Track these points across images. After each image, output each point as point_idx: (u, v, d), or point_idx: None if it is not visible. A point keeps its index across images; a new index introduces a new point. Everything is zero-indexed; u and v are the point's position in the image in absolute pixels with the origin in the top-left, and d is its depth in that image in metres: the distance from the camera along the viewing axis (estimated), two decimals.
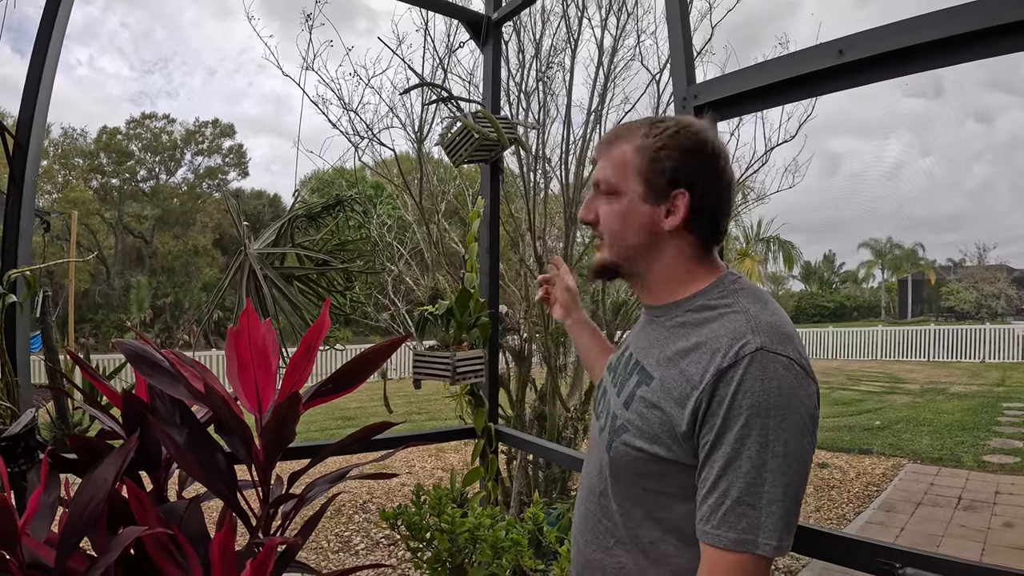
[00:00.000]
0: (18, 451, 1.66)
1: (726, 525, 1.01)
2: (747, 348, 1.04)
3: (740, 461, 1.01)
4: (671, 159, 1.16)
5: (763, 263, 30.62)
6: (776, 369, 1.02)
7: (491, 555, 2.42)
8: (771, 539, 1.00)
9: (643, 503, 1.18)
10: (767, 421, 1.00)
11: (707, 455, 1.05)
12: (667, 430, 1.11)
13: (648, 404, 1.15)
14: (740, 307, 1.13)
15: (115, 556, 1.30)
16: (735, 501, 1.01)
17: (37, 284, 2.06)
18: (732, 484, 1.01)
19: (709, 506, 1.04)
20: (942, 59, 1.50)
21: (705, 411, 1.05)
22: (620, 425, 1.20)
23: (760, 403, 1.01)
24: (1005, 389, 13.41)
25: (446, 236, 5.37)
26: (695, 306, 1.19)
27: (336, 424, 10.46)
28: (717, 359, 1.05)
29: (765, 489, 1.00)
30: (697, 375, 1.07)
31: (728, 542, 1.01)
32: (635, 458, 1.16)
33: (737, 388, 1.02)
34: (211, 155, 32.94)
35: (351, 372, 1.79)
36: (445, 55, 4.80)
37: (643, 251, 1.22)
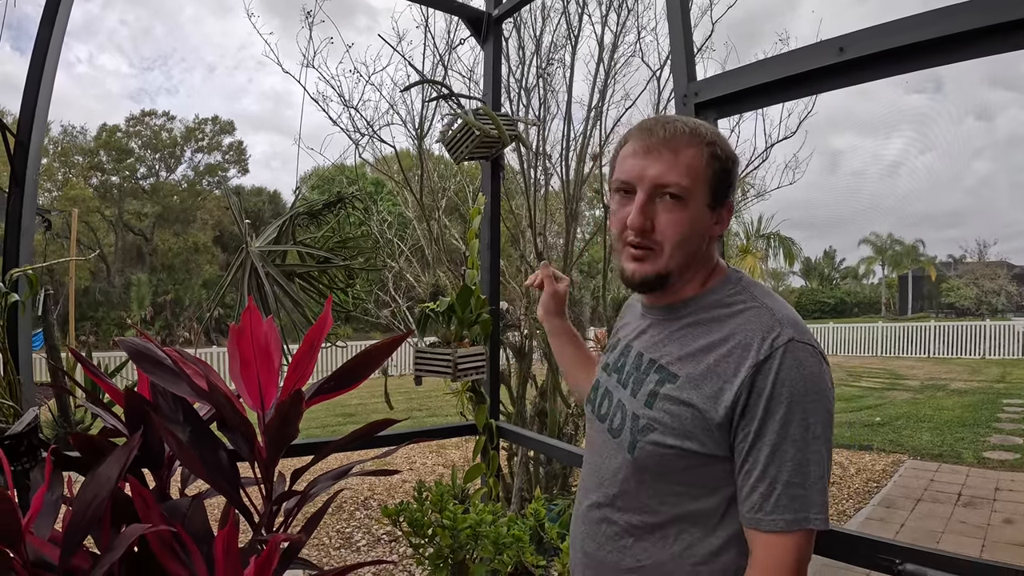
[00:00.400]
0: (21, 449, 1.67)
1: (780, 508, 1.07)
2: (779, 340, 1.09)
3: (786, 446, 1.07)
4: (732, 170, 1.21)
5: (764, 259, 30.60)
6: (806, 358, 1.09)
7: (493, 551, 2.42)
8: (820, 513, 1.07)
9: (669, 499, 1.20)
10: (806, 406, 1.07)
11: (751, 445, 1.09)
12: (699, 425, 1.13)
13: (677, 401, 1.16)
14: (759, 302, 1.17)
15: (119, 554, 1.30)
16: (786, 484, 1.07)
17: (39, 283, 2.07)
18: (781, 469, 1.07)
19: (761, 494, 1.08)
20: (943, 57, 1.50)
21: (745, 403, 1.09)
22: (645, 424, 1.20)
23: (798, 391, 1.07)
24: (1005, 385, 13.41)
25: (447, 233, 5.37)
26: (708, 303, 1.22)
27: (337, 420, 10.47)
28: (752, 353, 1.10)
29: (811, 469, 1.07)
30: (730, 369, 1.11)
31: (785, 524, 1.06)
32: (664, 455, 1.17)
33: (776, 379, 1.07)
34: (211, 152, 32.94)
35: (353, 369, 1.80)
36: (445, 52, 4.80)
37: (694, 258, 1.22)
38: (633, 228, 1.18)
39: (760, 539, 1.09)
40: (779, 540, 1.07)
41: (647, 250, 1.20)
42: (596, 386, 1.42)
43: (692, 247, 1.20)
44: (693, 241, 1.19)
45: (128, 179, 30.81)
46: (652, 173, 1.17)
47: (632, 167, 1.19)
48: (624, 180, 1.21)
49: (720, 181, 1.19)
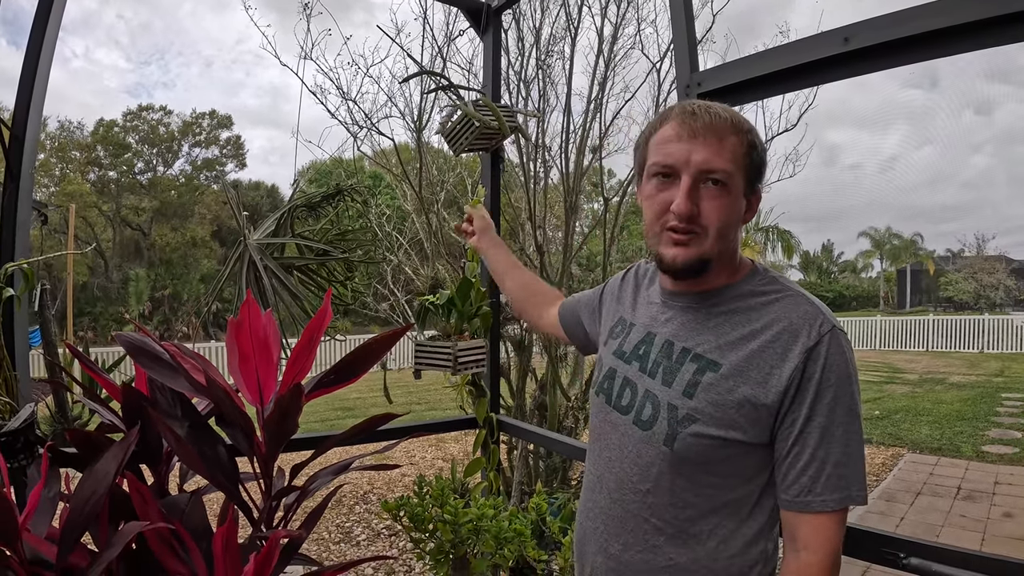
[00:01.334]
0: (18, 446, 1.65)
1: (830, 489, 1.10)
2: (824, 327, 1.13)
3: (834, 428, 1.11)
4: (765, 160, 1.23)
5: (762, 253, 30.61)
6: (846, 344, 1.15)
7: (494, 546, 2.42)
8: (862, 489, 1.12)
9: (705, 491, 1.19)
10: (849, 389, 1.12)
11: (800, 430, 1.12)
12: (747, 413, 1.14)
13: (722, 390, 1.16)
14: (793, 291, 1.21)
15: (117, 552, 1.28)
16: (835, 464, 1.10)
17: (35, 277, 2.05)
18: (830, 451, 1.11)
19: (810, 476, 1.11)
20: (948, 47, 1.49)
21: (797, 388, 1.12)
22: (686, 415, 1.18)
23: (844, 375, 1.12)
24: (1004, 379, 13.43)
25: (445, 226, 5.35)
26: (742, 292, 1.23)
27: (336, 415, 10.47)
28: (802, 338, 1.13)
29: (854, 448, 1.12)
30: (776, 355, 1.14)
31: (834, 504, 1.10)
32: (707, 446, 1.16)
33: (825, 364, 1.11)
34: (208, 147, 32.88)
35: (353, 363, 1.78)
36: (444, 44, 4.77)
37: (729, 244, 1.22)
38: (680, 213, 1.16)
39: (808, 521, 1.12)
40: (827, 520, 1.11)
41: (691, 235, 1.18)
42: (610, 375, 1.37)
43: (731, 233, 1.21)
44: (733, 227, 1.21)
45: (125, 174, 30.75)
46: (698, 158, 1.15)
47: (676, 151, 1.17)
48: (666, 164, 1.18)
49: (755, 170, 1.20)
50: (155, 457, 1.71)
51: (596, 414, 1.41)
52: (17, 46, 36.96)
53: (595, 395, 1.41)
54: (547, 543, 2.63)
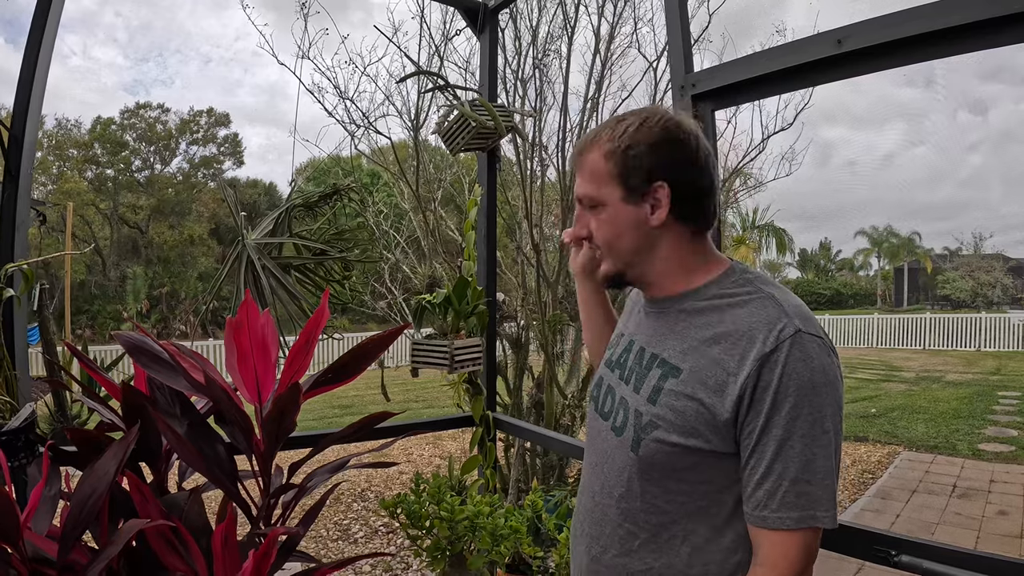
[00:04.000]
0: (18, 445, 1.66)
1: (787, 506, 1.05)
2: (786, 332, 1.07)
3: (792, 441, 1.04)
4: (641, 155, 1.16)
5: (758, 251, 30.62)
6: (813, 349, 1.06)
7: (490, 542, 2.43)
8: (829, 510, 1.05)
9: (676, 499, 1.17)
10: (813, 400, 1.04)
11: (757, 440, 1.07)
12: (704, 420, 1.11)
13: (681, 396, 1.14)
14: (765, 293, 1.14)
15: (117, 549, 1.30)
16: (793, 481, 1.04)
17: (34, 277, 2.06)
18: (788, 465, 1.04)
19: (766, 491, 1.06)
20: (942, 50, 1.51)
21: (751, 397, 1.06)
22: (648, 422, 1.17)
23: (805, 384, 1.04)
24: (1000, 378, 13.45)
25: (442, 224, 5.36)
26: (709, 295, 1.19)
27: (334, 412, 10.47)
28: (757, 345, 1.07)
29: (818, 465, 1.04)
30: (734, 362, 1.09)
31: (792, 522, 1.05)
32: (669, 453, 1.15)
33: (783, 371, 1.05)
34: (206, 144, 32.74)
35: (350, 362, 1.80)
36: (441, 43, 4.78)
37: (640, 253, 1.22)
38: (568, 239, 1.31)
39: (766, 537, 1.08)
40: (786, 538, 1.06)
41: (601, 253, 1.26)
42: (599, 382, 1.39)
43: (626, 244, 1.21)
44: (625, 238, 1.21)
45: (123, 172, 30.64)
46: (577, 191, 1.26)
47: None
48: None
49: (628, 172, 1.17)
50: (154, 455, 1.72)
51: (588, 420, 1.42)
52: (15, 44, 36.82)
53: (589, 402, 1.43)
54: (543, 540, 2.65)
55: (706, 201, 1.20)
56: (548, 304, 4.79)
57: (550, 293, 4.82)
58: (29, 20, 2.18)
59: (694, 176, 1.18)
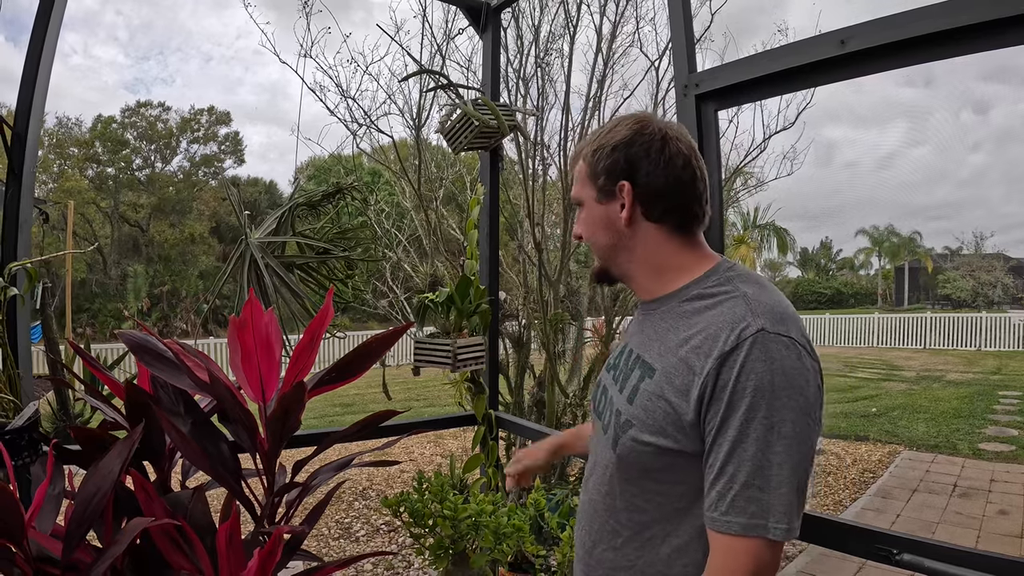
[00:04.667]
0: (22, 444, 1.66)
1: (735, 511, 1.01)
2: (748, 331, 1.04)
3: (746, 444, 1.01)
4: (606, 156, 1.22)
5: (758, 250, 30.63)
6: (778, 350, 1.03)
7: (493, 541, 2.43)
8: (781, 522, 1.00)
9: (653, 498, 1.18)
10: (772, 402, 1.00)
11: (713, 440, 1.05)
12: (672, 421, 1.10)
13: (652, 396, 1.14)
14: (739, 292, 1.13)
15: (122, 548, 1.30)
16: (743, 485, 1.01)
17: (37, 276, 2.06)
18: (739, 468, 1.01)
19: (717, 492, 1.04)
20: (946, 50, 1.50)
21: (710, 397, 1.05)
22: (625, 421, 1.19)
23: (764, 384, 1.01)
24: (1001, 377, 13.44)
25: (444, 223, 5.36)
26: (691, 295, 1.19)
27: (336, 411, 10.48)
28: (719, 344, 1.05)
29: (773, 472, 1.00)
30: (699, 362, 1.07)
31: (738, 528, 1.01)
32: (642, 452, 1.15)
33: (740, 371, 1.02)
34: (207, 143, 32.74)
35: (354, 361, 1.80)
36: (443, 42, 4.78)
37: (617, 250, 1.27)
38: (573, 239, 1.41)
39: (715, 540, 1.05)
40: (733, 544, 1.02)
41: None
42: (598, 384, 1.41)
43: (602, 241, 1.27)
44: (600, 236, 1.27)
45: (124, 170, 30.64)
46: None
47: None
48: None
49: (597, 173, 1.24)
50: (158, 454, 1.73)
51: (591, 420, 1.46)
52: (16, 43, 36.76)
53: (592, 402, 1.45)
54: (545, 538, 2.65)
55: (673, 201, 1.21)
56: (550, 303, 4.79)
57: (552, 292, 4.82)
58: (30, 19, 2.18)
59: (655, 175, 1.19)
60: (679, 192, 1.20)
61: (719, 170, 2.03)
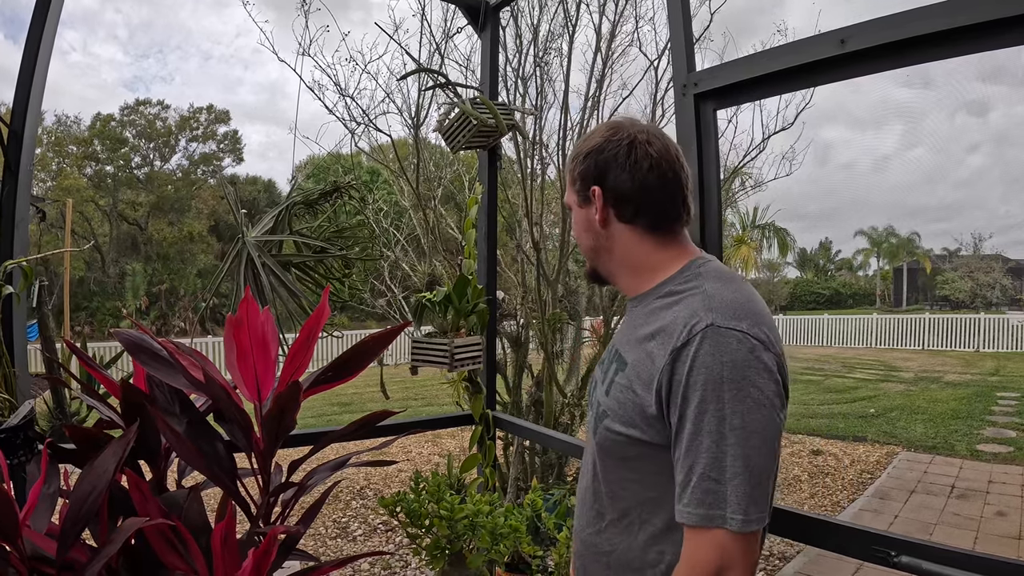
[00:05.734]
0: (17, 442, 1.66)
1: (695, 502, 1.04)
2: (699, 326, 1.08)
3: (701, 436, 1.04)
4: (580, 162, 1.29)
5: (758, 250, 30.63)
6: (729, 344, 1.06)
7: (490, 542, 2.43)
8: (737, 513, 1.01)
9: (630, 486, 1.22)
10: (721, 395, 1.03)
11: (675, 434, 1.09)
12: (639, 412, 1.15)
13: (623, 388, 1.20)
14: (700, 289, 1.17)
15: (116, 548, 1.29)
16: (700, 476, 1.04)
17: (34, 274, 2.05)
18: (696, 460, 1.04)
19: (680, 484, 1.07)
20: (946, 50, 1.50)
21: (668, 391, 1.09)
22: (602, 411, 1.25)
23: (714, 378, 1.04)
24: (999, 379, 13.46)
25: (442, 222, 5.36)
26: (663, 293, 1.23)
27: (333, 410, 10.48)
28: (673, 339, 1.10)
29: (727, 463, 1.02)
30: (659, 356, 1.12)
31: (698, 519, 1.04)
32: (616, 442, 1.21)
33: (691, 365, 1.06)
34: (206, 141, 32.73)
35: (350, 360, 1.79)
36: (442, 41, 4.77)
37: (598, 251, 1.33)
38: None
39: (684, 532, 1.08)
40: (696, 535, 1.06)
41: None
42: (592, 379, 1.45)
43: (585, 242, 1.35)
44: (583, 237, 1.35)
45: (122, 169, 30.62)
46: None
47: None
48: None
49: (574, 179, 1.32)
50: (154, 453, 1.72)
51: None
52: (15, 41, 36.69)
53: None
54: (542, 539, 2.65)
55: (643, 203, 1.24)
56: (548, 303, 4.79)
57: (550, 291, 4.82)
58: (29, 16, 2.18)
59: (622, 179, 1.23)
60: (647, 194, 1.24)
61: (717, 169, 2.03)
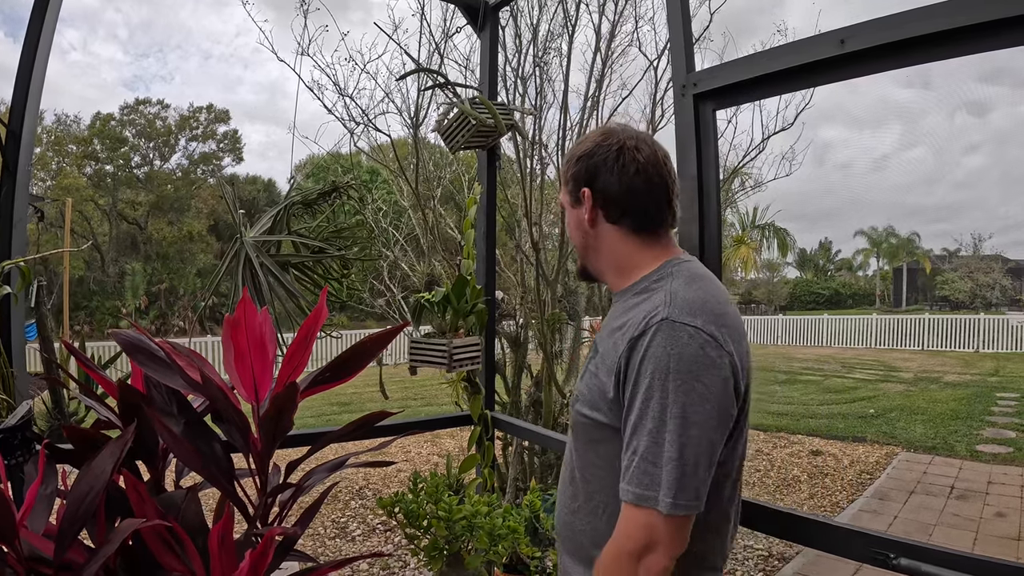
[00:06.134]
0: (15, 443, 1.65)
1: (634, 481, 1.12)
2: (655, 319, 1.16)
3: (645, 421, 1.12)
4: (573, 165, 1.38)
5: (758, 250, 30.64)
6: (680, 338, 1.13)
7: (488, 543, 2.43)
8: (667, 496, 1.08)
9: (596, 471, 1.30)
10: (666, 384, 1.10)
11: (624, 417, 1.17)
12: (602, 396, 1.24)
13: (592, 375, 1.29)
14: (666, 287, 1.24)
15: (113, 548, 1.29)
16: (640, 458, 1.12)
17: (31, 274, 2.05)
18: (640, 442, 1.12)
19: (624, 464, 1.15)
20: (947, 50, 1.50)
21: (623, 378, 1.18)
22: (576, 396, 1.35)
23: (661, 368, 1.11)
24: (999, 379, 13.44)
25: (442, 222, 5.35)
26: (639, 289, 1.31)
27: (332, 410, 10.47)
28: (632, 330, 1.18)
29: (664, 448, 1.10)
30: (620, 345, 1.20)
31: (632, 497, 1.12)
32: (584, 425, 1.30)
33: (644, 355, 1.14)
34: (205, 141, 32.70)
35: (349, 360, 1.79)
36: (441, 40, 4.76)
37: (587, 249, 1.42)
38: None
39: (621, 508, 1.16)
40: (629, 512, 1.13)
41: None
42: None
43: (576, 240, 1.44)
44: (574, 236, 1.44)
45: (122, 168, 30.60)
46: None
47: None
48: None
49: (567, 181, 1.41)
50: (151, 454, 1.72)
51: None
52: (15, 39, 36.64)
53: None
54: (541, 540, 2.65)
55: (629, 205, 1.32)
56: (547, 303, 4.78)
57: (549, 292, 4.81)
58: (27, 13, 2.17)
59: (610, 182, 1.32)
60: (633, 197, 1.32)
61: (717, 169, 2.02)
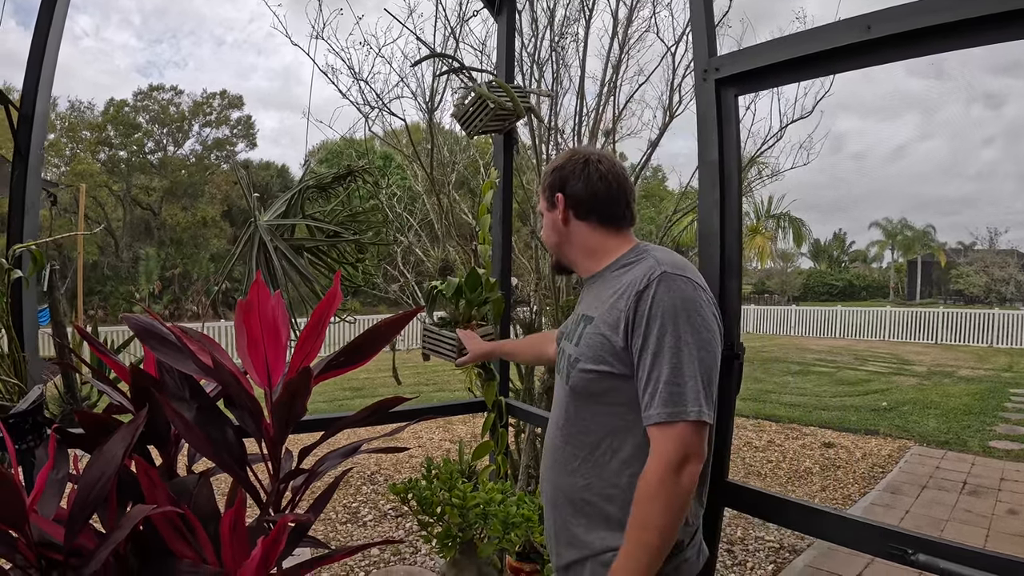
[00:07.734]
0: (26, 427, 1.65)
1: (663, 403, 1.34)
2: (655, 274, 1.43)
3: (663, 353, 1.36)
4: (547, 176, 1.71)
5: (773, 240, 30.43)
6: (678, 284, 1.42)
7: (501, 530, 2.42)
8: (694, 406, 1.34)
9: (600, 419, 1.50)
10: (676, 321, 1.38)
11: (639, 358, 1.40)
12: (608, 349, 1.46)
13: (592, 335, 1.50)
14: (651, 256, 1.53)
15: (124, 534, 1.28)
16: (665, 383, 1.35)
17: (44, 258, 2.04)
18: (661, 372, 1.36)
19: (648, 394, 1.37)
20: (972, 38, 1.47)
21: (632, 325, 1.41)
22: (575, 359, 1.54)
23: (668, 308, 1.39)
24: (1013, 375, 13.30)
25: (456, 207, 5.32)
26: (618, 266, 1.58)
27: (345, 395, 10.50)
28: (635, 287, 1.43)
29: (684, 370, 1.35)
30: (623, 303, 1.44)
31: (665, 416, 1.34)
32: (588, 380, 1.50)
33: (652, 301, 1.40)
34: (219, 126, 32.74)
35: (362, 345, 1.78)
36: (457, 24, 4.72)
37: (561, 245, 1.72)
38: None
39: (653, 432, 1.37)
40: (663, 431, 1.35)
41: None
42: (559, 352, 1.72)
43: (551, 239, 1.73)
44: (550, 235, 1.73)
45: (136, 154, 30.70)
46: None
47: None
48: None
49: (544, 188, 1.71)
50: (163, 439, 1.71)
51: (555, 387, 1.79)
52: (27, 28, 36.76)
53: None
54: None
55: (594, 204, 1.63)
56: (561, 289, 4.76)
57: (563, 278, 4.78)
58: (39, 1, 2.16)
59: (580, 188, 1.63)
60: (596, 198, 1.62)
61: (738, 155, 1.99)
